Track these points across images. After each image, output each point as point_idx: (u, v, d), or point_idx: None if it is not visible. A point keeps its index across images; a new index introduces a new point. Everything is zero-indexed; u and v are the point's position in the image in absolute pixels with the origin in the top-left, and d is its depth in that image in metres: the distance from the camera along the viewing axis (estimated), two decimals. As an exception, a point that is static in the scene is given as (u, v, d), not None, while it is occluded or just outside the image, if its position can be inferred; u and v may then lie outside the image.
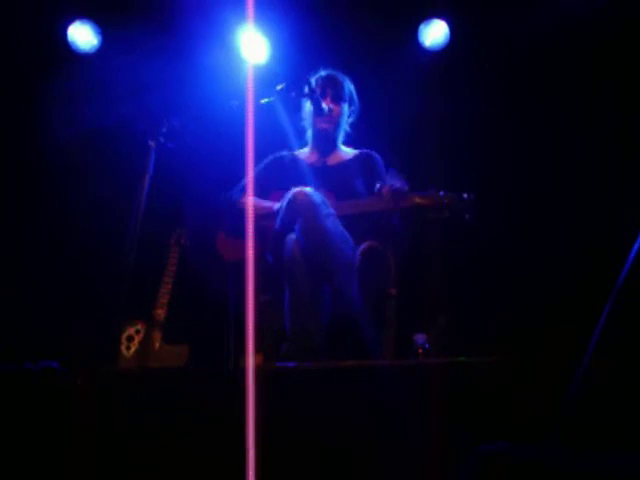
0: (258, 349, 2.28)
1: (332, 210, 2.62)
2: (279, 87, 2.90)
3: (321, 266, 2.51)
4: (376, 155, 3.10)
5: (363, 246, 2.61)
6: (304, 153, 3.16)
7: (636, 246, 1.68)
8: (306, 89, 2.94)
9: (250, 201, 2.97)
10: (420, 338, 2.66)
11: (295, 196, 2.59)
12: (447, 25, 3.94)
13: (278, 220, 2.67)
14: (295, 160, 3.10)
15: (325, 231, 2.52)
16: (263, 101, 2.86)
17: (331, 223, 2.56)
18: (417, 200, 2.72)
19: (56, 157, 3.83)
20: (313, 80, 3.05)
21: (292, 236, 2.59)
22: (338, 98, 3.04)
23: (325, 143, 3.10)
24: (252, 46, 3.78)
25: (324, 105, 2.96)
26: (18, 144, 3.84)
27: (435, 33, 3.96)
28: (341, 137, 3.14)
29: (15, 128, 3.84)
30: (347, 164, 3.06)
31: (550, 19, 3.71)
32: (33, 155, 3.86)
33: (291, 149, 3.19)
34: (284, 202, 2.64)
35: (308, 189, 2.63)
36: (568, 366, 1.73)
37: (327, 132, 3.06)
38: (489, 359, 1.98)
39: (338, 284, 2.51)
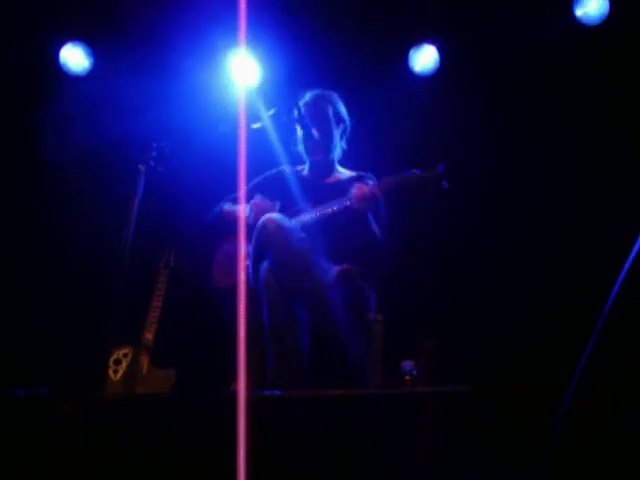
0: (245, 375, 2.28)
1: (303, 235, 2.62)
2: (271, 112, 2.92)
3: (296, 291, 2.53)
4: (372, 177, 3.10)
5: (337, 269, 2.62)
6: (302, 170, 3.17)
7: (620, 279, 1.69)
8: (296, 114, 2.96)
9: (225, 207, 3.01)
10: (407, 365, 2.64)
11: (264, 224, 2.59)
12: (437, 50, 3.98)
13: (251, 248, 2.67)
14: (292, 176, 3.10)
15: (298, 258, 2.53)
16: (255, 126, 2.87)
17: (303, 247, 2.57)
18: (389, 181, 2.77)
19: (49, 178, 3.83)
20: (304, 102, 3.06)
21: (265, 264, 2.60)
22: (327, 127, 3.03)
23: (321, 169, 3.11)
24: (244, 70, 3.79)
25: (314, 132, 2.97)
26: (9, 165, 3.84)
27: (425, 58, 3.99)
28: (337, 158, 3.14)
29: (7, 149, 3.84)
30: (343, 184, 3.05)
31: (538, 42, 3.76)
32: (25, 176, 3.85)
33: (287, 165, 3.19)
34: (255, 230, 2.64)
35: (276, 215, 2.64)
36: (556, 397, 1.73)
37: (321, 162, 3.08)
38: (478, 388, 1.98)
39: (315, 308, 2.52)
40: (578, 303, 3.19)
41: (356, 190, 2.73)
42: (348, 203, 2.75)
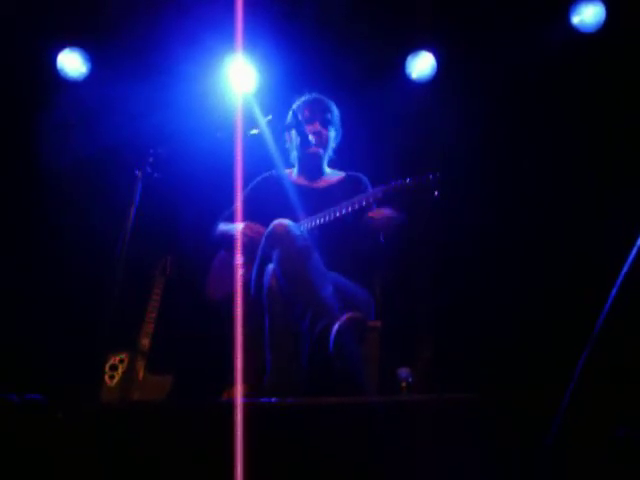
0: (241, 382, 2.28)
1: (310, 243, 2.62)
2: (267, 118, 2.92)
3: (296, 296, 2.50)
4: (363, 177, 3.10)
5: (343, 318, 2.38)
6: (291, 173, 3.17)
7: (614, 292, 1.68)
8: (292, 119, 2.97)
9: (221, 228, 3.02)
10: (403, 372, 2.62)
11: (274, 227, 2.60)
12: (434, 57, 3.99)
13: (259, 251, 2.67)
14: (283, 181, 3.09)
15: (301, 261, 2.51)
16: (252, 132, 2.87)
17: (309, 255, 2.55)
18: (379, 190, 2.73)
19: (45, 185, 3.82)
20: (300, 104, 3.07)
21: (271, 266, 2.60)
22: (327, 122, 3.06)
23: (312, 168, 3.10)
24: (241, 76, 3.80)
25: (310, 137, 2.97)
26: (6, 171, 3.83)
27: (422, 65, 4.01)
28: (327, 160, 3.15)
29: (4, 155, 3.84)
30: (334, 188, 3.06)
31: (535, 49, 3.78)
32: (21, 182, 3.85)
33: (277, 170, 3.18)
34: (265, 233, 2.65)
35: (288, 221, 2.64)
36: (555, 404, 1.73)
37: (315, 157, 3.07)
38: (476, 395, 1.97)
39: (314, 318, 2.48)
40: (579, 313, 3.18)
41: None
42: (344, 212, 2.75)
